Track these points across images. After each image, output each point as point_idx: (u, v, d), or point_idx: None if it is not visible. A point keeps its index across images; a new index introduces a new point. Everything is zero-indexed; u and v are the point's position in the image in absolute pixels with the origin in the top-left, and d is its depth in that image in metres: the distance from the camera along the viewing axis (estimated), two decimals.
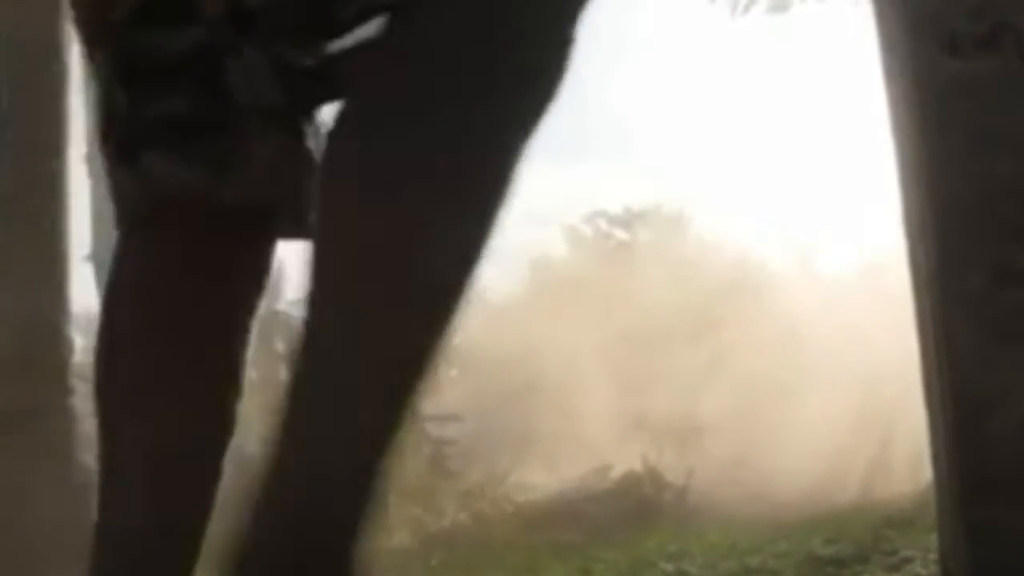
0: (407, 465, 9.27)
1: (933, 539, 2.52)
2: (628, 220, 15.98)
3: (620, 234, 15.75)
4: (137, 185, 1.37)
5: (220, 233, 1.38)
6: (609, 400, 9.76)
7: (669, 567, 4.20)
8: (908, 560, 3.36)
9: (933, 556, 2.92)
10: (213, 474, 1.41)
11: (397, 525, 8.03)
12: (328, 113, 1.37)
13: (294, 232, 1.44)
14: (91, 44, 1.42)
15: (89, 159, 15.19)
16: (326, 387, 1.17)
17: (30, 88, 4.87)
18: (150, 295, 1.39)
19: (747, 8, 10.85)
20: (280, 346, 15.01)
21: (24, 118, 4.86)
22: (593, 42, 1.33)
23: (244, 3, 1.29)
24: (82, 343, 4.91)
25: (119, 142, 1.38)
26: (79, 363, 5.57)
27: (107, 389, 1.40)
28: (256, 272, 1.43)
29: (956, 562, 1.96)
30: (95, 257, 15.09)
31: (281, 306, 15.61)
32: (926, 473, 2.34)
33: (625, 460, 8.30)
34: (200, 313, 1.39)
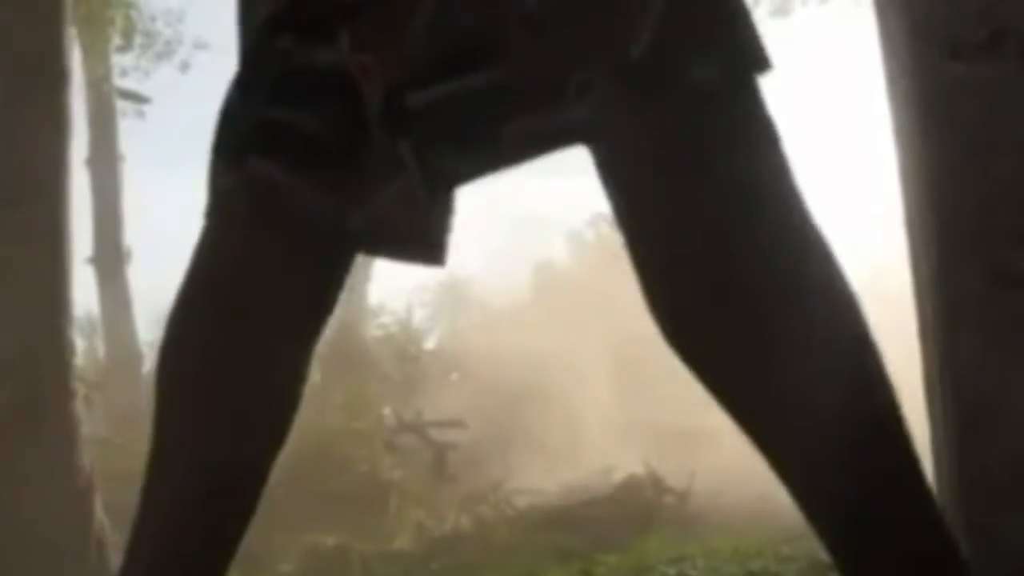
0: (409, 469, 9.27)
1: None
2: None
3: (622, 238, 15.75)
4: (240, 183, 1.35)
5: (308, 241, 1.36)
6: (610, 404, 9.76)
7: (670, 571, 4.20)
8: None
9: None
10: (261, 481, 1.39)
11: (399, 529, 8.02)
12: None
13: (392, 254, 1.41)
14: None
15: (90, 162, 15.19)
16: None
17: (30, 89, 4.87)
18: (227, 292, 1.36)
19: None
20: None
21: (24, 120, 4.86)
22: None
23: (405, 101, 1.27)
24: (83, 346, 4.91)
25: (233, 139, 1.36)
26: (80, 366, 5.58)
27: (169, 390, 1.38)
28: (336, 283, 1.41)
29: None
30: (96, 260, 15.11)
31: None
32: (927, 477, 2.33)
33: (626, 464, 8.29)
34: (274, 317, 1.37)
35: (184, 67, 16.14)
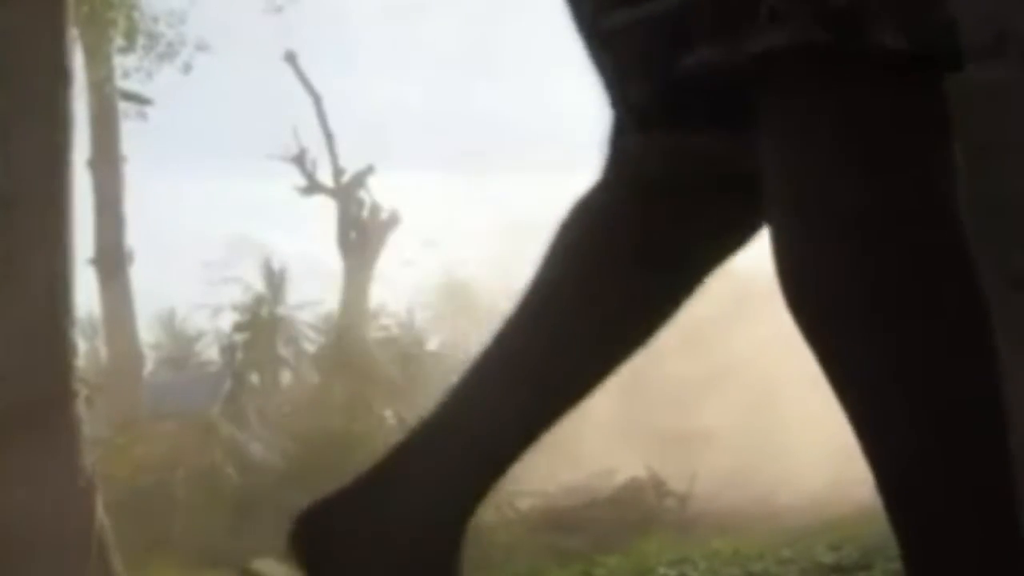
0: None
1: None
2: None
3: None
4: (634, 146, 1.34)
5: (703, 186, 1.33)
6: (611, 406, 9.75)
7: (671, 573, 4.19)
8: None
9: None
10: (580, 394, 1.43)
11: None
12: None
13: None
14: None
15: (92, 163, 15.18)
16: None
17: (32, 90, 4.87)
18: (598, 254, 1.39)
19: None
20: (282, 350, 15.00)
21: (26, 121, 4.86)
22: None
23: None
24: (84, 347, 4.91)
25: (639, 102, 1.32)
26: (81, 367, 5.57)
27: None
28: (722, 228, 1.38)
29: None
30: (98, 261, 15.11)
31: (282, 310, 15.61)
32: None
33: (628, 466, 8.30)
34: (634, 290, 1.39)
35: (186, 68, 16.15)
